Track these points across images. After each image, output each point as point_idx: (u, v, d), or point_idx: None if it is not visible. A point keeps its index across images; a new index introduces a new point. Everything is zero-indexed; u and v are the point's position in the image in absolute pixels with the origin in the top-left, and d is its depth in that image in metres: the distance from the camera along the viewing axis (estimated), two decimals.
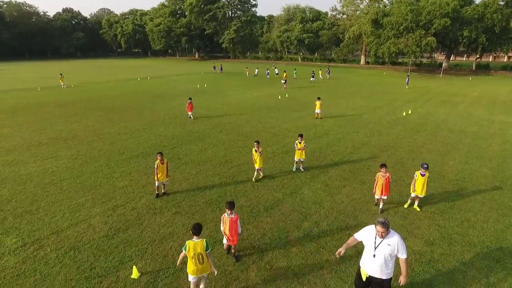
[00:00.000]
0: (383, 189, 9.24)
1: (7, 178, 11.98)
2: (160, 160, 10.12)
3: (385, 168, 9.27)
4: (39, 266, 7.25)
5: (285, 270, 7.15)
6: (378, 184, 9.35)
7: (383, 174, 9.21)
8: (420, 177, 9.39)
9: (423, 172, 9.36)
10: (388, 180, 9.29)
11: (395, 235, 5.31)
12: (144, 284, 6.70)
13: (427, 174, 9.42)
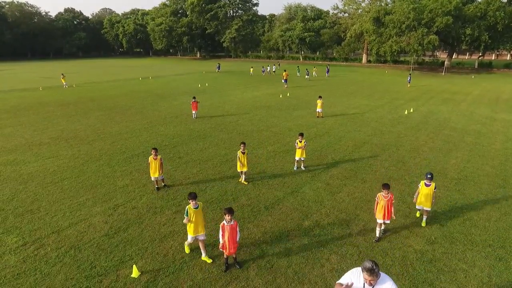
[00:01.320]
0: (385, 212, 7.87)
1: (9, 177, 12.01)
2: (154, 156, 10.30)
3: (387, 190, 7.83)
4: (40, 265, 7.26)
5: (285, 269, 7.12)
6: (378, 206, 7.96)
7: (385, 195, 7.85)
8: (424, 188, 8.50)
9: (428, 183, 8.47)
10: (391, 202, 7.93)
11: (387, 280, 4.13)
12: (144, 283, 6.69)
13: (433, 185, 8.46)
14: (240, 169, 11.22)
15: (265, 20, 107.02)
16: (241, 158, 10.99)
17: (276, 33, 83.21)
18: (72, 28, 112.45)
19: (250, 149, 15.04)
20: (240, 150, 11.01)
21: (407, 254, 7.60)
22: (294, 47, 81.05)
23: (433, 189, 8.44)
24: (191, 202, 7.15)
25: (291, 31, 79.04)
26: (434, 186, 8.48)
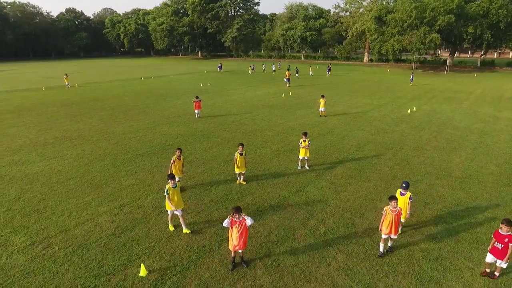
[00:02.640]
0: (392, 227, 7.26)
1: (15, 177, 12.09)
2: (178, 156, 10.40)
3: (396, 202, 7.24)
4: (48, 264, 7.32)
5: (292, 267, 7.15)
6: (386, 220, 7.34)
7: (393, 209, 7.23)
8: (399, 197, 7.87)
9: (403, 192, 8.02)
10: (399, 216, 7.38)
11: None
12: (152, 281, 6.74)
13: (409, 194, 7.96)
14: (238, 170, 11.06)
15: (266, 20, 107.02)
16: (237, 160, 10.80)
17: (278, 32, 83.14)
18: (74, 28, 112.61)
19: (254, 148, 15.08)
20: (238, 151, 10.86)
21: (413, 253, 7.62)
22: (296, 46, 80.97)
23: (407, 199, 7.93)
24: (170, 181, 8.21)
25: (293, 30, 78.96)
26: (410, 196, 7.95)
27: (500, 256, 6.45)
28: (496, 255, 6.50)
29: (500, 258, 6.47)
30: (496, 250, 6.49)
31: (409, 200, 7.94)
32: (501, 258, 6.44)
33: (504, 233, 6.33)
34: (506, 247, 6.35)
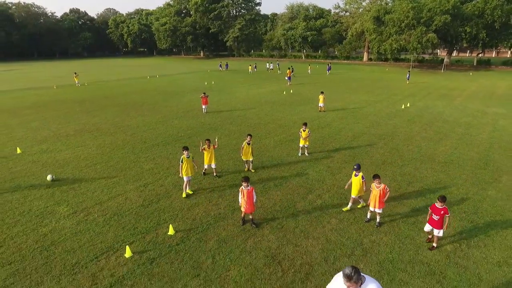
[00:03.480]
0: (376, 201, 8.42)
1: (47, 162, 13.61)
2: (208, 145, 11.60)
3: (379, 179, 8.43)
4: (91, 226, 8.84)
5: (293, 228, 8.65)
6: (371, 195, 8.53)
7: (377, 185, 8.42)
8: (353, 177, 9.22)
9: (356, 173, 9.16)
10: (384, 192, 8.44)
11: (371, 283, 4.01)
12: (180, 238, 8.25)
13: (361, 175, 9.10)
14: (244, 158, 12.29)
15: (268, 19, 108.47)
16: (244, 148, 12.06)
17: (279, 32, 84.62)
18: (78, 29, 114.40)
19: (258, 139, 16.57)
20: (246, 141, 12.09)
21: (395, 218, 9.10)
22: (297, 45, 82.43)
23: (360, 178, 9.04)
24: (184, 152, 10.27)
25: (293, 30, 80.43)
26: (362, 176, 9.06)
27: (437, 226, 7.69)
28: (433, 225, 7.74)
29: (437, 228, 7.70)
30: (433, 221, 7.71)
31: (362, 179, 9.10)
32: (438, 228, 7.69)
33: (439, 207, 7.62)
34: (441, 218, 7.63)
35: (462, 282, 6.72)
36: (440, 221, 7.60)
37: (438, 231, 7.67)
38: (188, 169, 10.30)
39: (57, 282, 6.82)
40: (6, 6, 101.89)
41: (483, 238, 8.18)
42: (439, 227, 7.63)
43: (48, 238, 8.32)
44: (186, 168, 10.25)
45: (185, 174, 10.30)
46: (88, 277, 6.94)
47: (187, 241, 8.15)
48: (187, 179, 10.42)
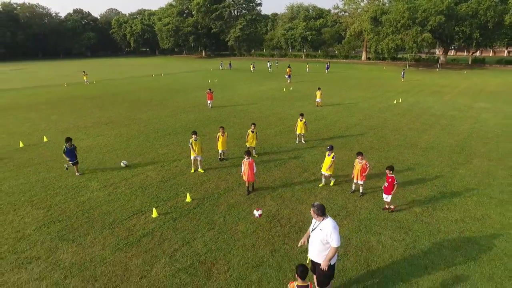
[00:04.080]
0: (358, 174, 10.06)
1: None
2: (222, 133, 13.09)
3: (361, 156, 10.04)
4: (121, 196, 10.54)
5: (290, 197, 10.34)
6: (355, 169, 10.14)
7: (360, 161, 9.97)
8: (326, 157, 10.79)
9: (329, 153, 10.65)
10: (365, 167, 9.99)
11: (330, 222, 5.44)
12: (196, 204, 9.95)
13: (332, 155, 10.57)
14: (248, 144, 13.83)
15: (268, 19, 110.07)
16: (249, 136, 13.67)
17: (279, 32, 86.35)
18: (81, 29, 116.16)
19: (260, 129, 18.24)
20: (250, 130, 13.70)
21: (376, 191, 10.77)
22: (297, 45, 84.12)
23: (331, 158, 10.58)
24: (193, 136, 12.00)
25: (294, 30, 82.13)
26: (333, 156, 10.60)
27: (386, 192, 9.35)
28: (385, 192, 9.42)
29: (385, 193, 9.37)
30: (385, 188, 9.42)
31: (332, 159, 10.64)
32: (386, 193, 9.34)
33: (389, 175, 9.30)
34: (390, 185, 9.23)
35: (424, 233, 8.41)
36: (389, 188, 9.25)
37: (386, 196, 9.37)
38: (197, 149, 12.02)
39: (100, 233, 8.53)
40: (11, 6, 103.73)
41: (447, 204, 9.86)
42: (387, 193, 9.32)
43: (86, 204, 10.03)
44: (195, 149, 11.99)
45: (194, 154, 12.07)
46: (125, 230, 8.65)
47: (202, 206, 9.86)
48: (195, 158, 12.19)
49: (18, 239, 8.35)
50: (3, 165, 13.41)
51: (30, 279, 6.93)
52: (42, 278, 6.94)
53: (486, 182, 11.34)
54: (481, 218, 9.06)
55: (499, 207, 9.63)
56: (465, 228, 8.60)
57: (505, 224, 8.75)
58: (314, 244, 5.64)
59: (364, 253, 7.66)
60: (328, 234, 5.40)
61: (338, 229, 5.55)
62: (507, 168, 12.52)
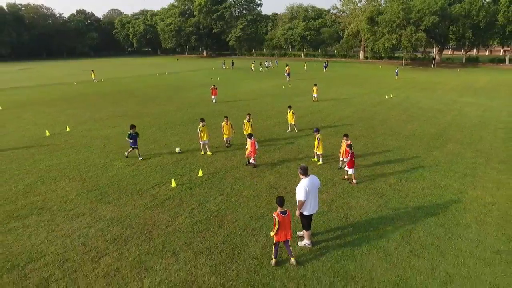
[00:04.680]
0: (343, 153, 11.72)
1: (94, 136, 17.26)
2: (226, 122, 14.79)
3: (346, 137, 11.68)
4: (143, 172, 12.44)
5: (286, 172, 12.23)
6: (341, 148, 11.93)
7: (346, 142, 11.53)
8: (314, 139, 12.80)
9: (316, 134, 12.58)
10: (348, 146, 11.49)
11: (303, 180, 7.40)
12: (207, 177, 11.84)
13: (316, 135, 12.52)
14: (246, 132, 15.40)
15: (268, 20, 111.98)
16: (245, 125, 15.42)
17: (279, 31, 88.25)
18: (84, 29, 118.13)
19: (261, 121, 20.16)
20: (246, 119, 15.42)
21: (360, 167, 12.65)
22: (296, 45, 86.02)
23: (316, 138, 12.62)
24: (201, 123, 13.86)
25: (293, 30, 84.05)
26: (317, 136, 12.52)
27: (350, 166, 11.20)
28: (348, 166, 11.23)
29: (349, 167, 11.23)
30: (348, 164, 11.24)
31: (317, 139, 12.58)
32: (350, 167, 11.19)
33: (347, 149, 11.21)
34: (351, 160, 11.09)
35: (395, 197, 10.29)
36: (350, 162, 11.10)
37: (348, 169, 11.27)
38: (205, 135, 13.93)
39: (130, 198, 10.43)
40: (17, 7, 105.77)
41: (418, 177, 11.75)
42: (350, 166, 11.17)
43: (115, 178, 11.94)
44: (203, 134, 13.88)
45: (202, 139, 13.98)
46: (150, 196, 10.55)
47: (212, 179, 11.76)
48: (204, 142, 14.13)
49: (64, 202, 10.26)
50: (37, 150, 15.33)
51: (80, 227, 8.83)
52: (89, 227, 8.85)
53: (455, 161, 13.23)
54: (444, 187, 10.96)
55: (461, 179, 11.52)
56: (429, 193, 10.49)
57: (462, 191, 10.64)
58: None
59: (344, 210, 9.55)
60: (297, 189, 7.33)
61: (305, 186, 7.31)
62: (474, 150, 14.41)
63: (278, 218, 6.88)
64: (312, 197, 7.54)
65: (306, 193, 7.32)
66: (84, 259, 7.51)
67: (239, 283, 6.72)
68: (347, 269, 7.09)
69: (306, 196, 7.34)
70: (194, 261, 7.40)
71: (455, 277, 6.83)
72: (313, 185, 7.57)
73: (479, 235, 8.26)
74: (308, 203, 7.50)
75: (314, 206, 7.64)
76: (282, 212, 6.99)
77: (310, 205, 7.54)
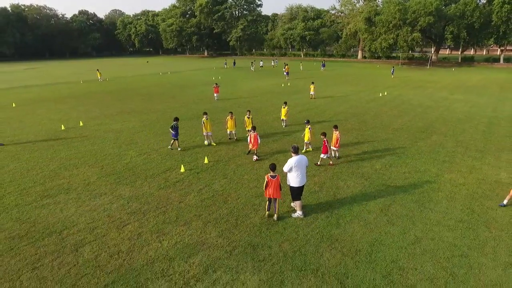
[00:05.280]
0: (334, 142, 13.34)
1: (106, 130, 18.64)
2: (231, 116, 16.10)
3: (336, 128, 13.36)
4: (154, 160, 13.81)
5: (283, 160, 13.45)
6: (333, 138, 13.37)
7: (335, 132, 13.24)
8: (306, 130, 14.17)
9: (308, 126, 14.08)
10: (338, 137, 13.26)
11: (292, 157, 8.88)
12: (212, 164, 13.22)
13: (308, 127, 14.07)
14: (248, 128, 16.68)
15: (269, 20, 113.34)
16: (246, 122, 16.57)
17: (279, 32, 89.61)
18: (87, 29, 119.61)
19: (261, 116, 21.53)
20: (246, 116, 16.61)
21: (350, 157, 14.03)
22: (296, 45, 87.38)
23: (308, 129, 14.05)
24: (204, 116, 15.19)
25: (293, 30, 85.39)
26: (309, 127, 14.13)
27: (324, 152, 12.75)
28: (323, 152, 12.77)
29: (324, 153, 12.76)
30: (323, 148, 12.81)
31: (309, 129, 14.11)
32: (324, 153, 12.74)
33: (324, 138, 12.67)
34: (324, 147, 12.65)
35: (379, 179, 11.65)
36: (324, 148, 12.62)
37: (323, 155, 12.78)
38: (208, 127, 15.33)
39: (144, 180, 11.81)
40: (20, 8, 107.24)
41: (401, 163, 13.11)
42: (324, 152, 12.73)
43: (130, 165, 13.33)
44: (206, 127, 15.28)
45: (205, 131, 15.37)
46: (162, 179, 11.93)
47: (217, 165, 13.14)
48: (207, 134, 15.52)
49: (87, 184, 11.64)
50: (55, 142, 16.72)
51: (103, 203, 10.21)
52: (112, 203, 10.23)
53: (436, 150, 14.60)
54: (423, 171, 12.33)
55: (439, 165, 12.89)
56: (409, 177, 11.87)
57: (439, 174, 12.01)
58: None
59: (333, 189, 10.93)
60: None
61: (292, 161, 8.84)
62: (456, 141, 15.78)
63: (267, 179, 8.77)
64: (300, 172, 8.95)
65: (290, 167, 8.87)
66: (110, 227, 8.89)
67: (242, 243, 8.09)
68: (332, 234, 8.46)
69: (288, 169, 8.93)
70: (204, 228, 8.78)
71: (422, 239, 8.20)
72: (300, 162, 8.98)
73: (447, 208, 9.64)
74: (295, 176, 8.94)
75: (301, 180, 9.03)
76: (272, 176, 8.73)
77: (296, 178, 8.97)
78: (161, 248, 7.94)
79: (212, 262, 7.40)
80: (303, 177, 9.08)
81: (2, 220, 9.28)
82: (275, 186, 8.74)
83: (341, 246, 7.93)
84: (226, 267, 7.26)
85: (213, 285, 6.72)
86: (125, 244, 8.12)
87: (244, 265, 7.30)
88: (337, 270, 7.12)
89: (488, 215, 9.23)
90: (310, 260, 7.43)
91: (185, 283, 6.79)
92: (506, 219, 9.01)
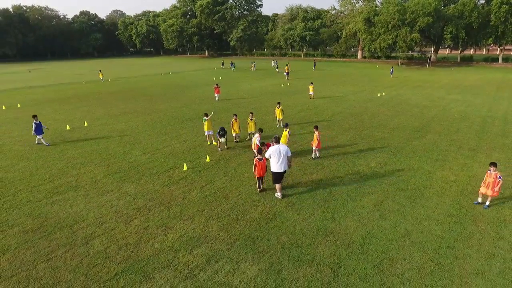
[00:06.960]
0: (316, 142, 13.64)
1: (111, 129, 19.17)
2: (235, 119, 16.47)
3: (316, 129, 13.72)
4: (159, 158, 14.35)
5: None
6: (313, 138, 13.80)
7: (316, 132, 13.63)
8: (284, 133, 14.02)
9: (315, 130, 13.69)
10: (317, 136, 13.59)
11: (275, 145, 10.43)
12: (213, 163, 13.74)
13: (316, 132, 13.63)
14: (250, 130, 17.02)
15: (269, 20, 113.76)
16: (249, 124, 16.95)
17: (279, 32, 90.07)
18: (88, 30, 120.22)
19: (260, 116, 22.03)
20: (249, 118, 16.97)
21: (347, 154, 14.54)
22: (296, 45, 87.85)
23: (287, 133, 13.99)
24: (204, 117, 15.73)
25: (293, 30, 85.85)
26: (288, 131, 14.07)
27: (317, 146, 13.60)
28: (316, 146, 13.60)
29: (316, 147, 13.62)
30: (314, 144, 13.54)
31: (288, 133, 14.02)
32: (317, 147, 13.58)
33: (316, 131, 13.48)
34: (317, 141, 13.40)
35: (372, 176, 12.14)
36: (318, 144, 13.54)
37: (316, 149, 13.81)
38: (208, 126, 15.84)
39: (148, 178, 12.33)
40: (22, 9, 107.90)
41: (395, 161, 13.61)
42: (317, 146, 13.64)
43: (134, 163, 13.86)
44: (207, 126, 15.79)
45: (206, 130, 15.91)
46: (166, 176, 12.45)
47: (218, 164, 13.67)
48: (208, 133, 16.03)
49: (94, 181, 12.18)
50: (61, 141, 17.26)
51: (110, 200, 10.74)
52: (119, 199, 10.76)
53: (430, 149, 15.10)
54: (416, 169, 12.83)
55: (433, 163, 13.39)
56: (403, 174, 12.37)
57: (431, 172, 12.51)
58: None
59: (329, 187, 11.42)
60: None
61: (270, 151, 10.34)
62: (449, 140, 16.27)
63: (255, 161, 10.65)
64: (278, 159, 10.26)
65: (269, 154, 10.40)
66: (118, 222, 9.41)
67: (242, 236, 8.61)
68: (328, 227, 8.97)
69: (268, 156, 10.47)
70: (206, 222, 9.30)
71: (412, 232, 8.71)
72: (279, 151, 10.33)
73: (437, 204, 10.14)
74: (274, 162, 10.34)
75: (279, 167, 10.31)
76: (259, 158, 10.67)
77: (276, 165, 10.34)
78: (166, 240, 8.47)
79: (215, 253, 7.92)
80: (283, 164, 10.33)
81: (16, 215, 9.82)
82: (262, 167, 10.57)
83: (336, 239, 8.45)
84: (227, 257, 7.78)
85: (216, 274, 7.24)
86: (132, 237, 8.64)
87: (244, 256, 7.82)
88: (331, 260, 7.63)
89: (476, 210, 9.73)
90: (306, 251, 7.94)
91: (189, 272, 7.32)
92: (492, 213, 9.52)
